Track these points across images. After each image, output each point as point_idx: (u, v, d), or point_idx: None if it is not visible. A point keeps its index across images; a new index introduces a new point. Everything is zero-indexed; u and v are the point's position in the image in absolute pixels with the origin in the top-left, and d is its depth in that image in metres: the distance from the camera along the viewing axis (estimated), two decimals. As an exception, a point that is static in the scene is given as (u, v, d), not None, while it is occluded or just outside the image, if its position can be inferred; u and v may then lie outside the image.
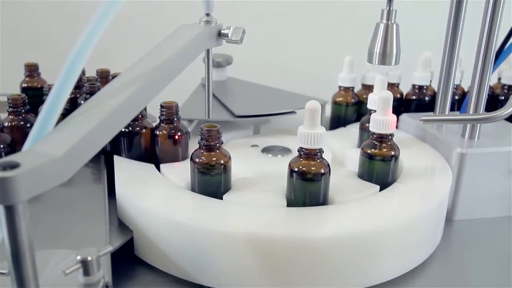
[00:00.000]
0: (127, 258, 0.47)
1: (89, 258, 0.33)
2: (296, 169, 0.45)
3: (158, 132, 0.54)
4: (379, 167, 0.50)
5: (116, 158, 0.56)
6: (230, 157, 0.48)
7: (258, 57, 0.99)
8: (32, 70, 0.72)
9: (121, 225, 0.49)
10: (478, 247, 0.52)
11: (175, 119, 0.55)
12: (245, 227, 0.42)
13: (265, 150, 0.59)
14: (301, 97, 0.71)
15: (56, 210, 0.49)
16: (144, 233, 0.46)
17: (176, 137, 0.55)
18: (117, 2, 0.33)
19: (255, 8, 1.03)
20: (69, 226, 0.46)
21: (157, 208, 0.45)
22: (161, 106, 0.54)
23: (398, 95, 0.74)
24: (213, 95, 0.52)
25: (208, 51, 0.47)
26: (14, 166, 0.24)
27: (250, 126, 0.68)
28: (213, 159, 0.47)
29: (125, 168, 0.54)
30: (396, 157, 0.50)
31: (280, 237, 0.41)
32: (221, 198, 0.47)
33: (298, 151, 0.46)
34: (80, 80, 0.67)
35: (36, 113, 0.62)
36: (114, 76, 0.65)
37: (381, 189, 0.50)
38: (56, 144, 0.28)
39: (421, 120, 0.53)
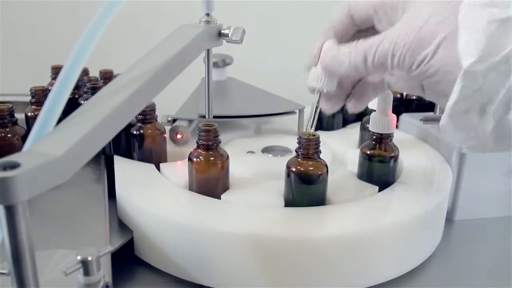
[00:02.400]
0: (127, 258, 0.47)
1: (89, 258, 0.33)
2: (368, 153, 0.50)
3: (195, 159, 0.48)
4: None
5: (116, 158, 0.56)
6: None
7: (258, 57, 0.99)
8: (58, 73, 0.72)
9: (121, 225, 0.49)
10: (478, 247, 0.52)
11: (215, 144, 0.48)
12: (245, 227, 0.42)
13: (265, 150, 0.59)
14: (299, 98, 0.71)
15: (56, 210, 0.49)
16: (144, 233, 0.46)
17: (218, 163, 0.48)
18: (117, 2, 0.33)
19: (255, 8, 1.03)
20: (69, 226, 0.47)
21: (157, 208, 0.45)
22: (200, 130, 0.48)
23: (398, 95, 0.74)
24: (213, 95, 0.51)
25: (208, 51, 0.47)
26: (14, 166, 0.24)
27: (250, 126, 0.68)
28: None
29: (125, 168, 0.53)
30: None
31: (280, 237, 0.41)
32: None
33: (371, 135, 0.50)
34: (80, 80, 0.67)
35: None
36: (114, 76, 0.65)
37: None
38: (56, 144, 0.28)
39: (421, 120, 0.53)
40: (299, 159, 0.45)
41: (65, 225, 0.47)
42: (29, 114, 0.62)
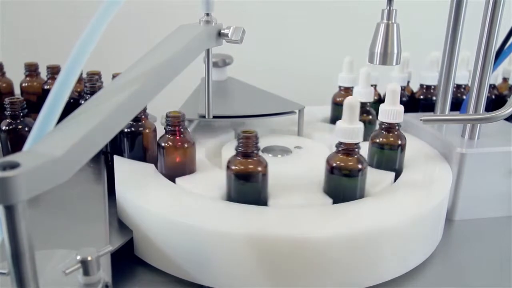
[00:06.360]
0: (127, 258, 0.47)
1: (89, 258, 0.33)
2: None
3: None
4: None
5: (116, 158, 0.56)
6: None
7: (258, 57, 0.99)
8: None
9: (121, 225, 0.49)
10: (478, 247, 0.52)
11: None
12: (245, 227, 0.42)
13: (265, 150, 0.59)
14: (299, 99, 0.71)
15: (56, 210, 0.49)
16: (144, 233, 0.46)
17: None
18: (117, 2, 0.33)
19: (255, 8, 1.03)
20: (69, 226, 0.46)
21: (157, 208, 0.45)
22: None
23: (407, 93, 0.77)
24: (213, 95, 0.51)
25: (208, 51, 0.47)
26: (14, 166, 0.24)
27: (250, 126, 0.68)
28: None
29: (125, 168, 0.53)
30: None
31: (279, 237, 0.41)
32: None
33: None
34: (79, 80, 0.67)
35: (36, 113, 0.61)
36: (114, 76, 0.65)
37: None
38: (56, 144, 0.28)
39: (421, 120, 0.53)
40: (340, 155, 0.47)
41: (65, 225, 0.47)
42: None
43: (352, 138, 0.46)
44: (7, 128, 0.56)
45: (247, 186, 0.46)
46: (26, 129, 0.56)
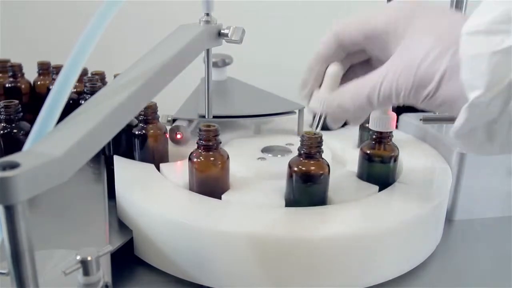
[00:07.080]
0: (127, 258, 0.47)
1: (89, 258, 0.33)
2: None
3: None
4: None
5: (116, 158, 0.55)
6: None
7: (258, 57, 0.99)
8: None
9: (121, 225, 0.49)
10: (478, 247, 0.52)
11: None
12: (245, 227, 0.42)
13: (265, 150, 0.59)
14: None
15: (56, 210, 0.49)
16: (144, 233, 0.46)
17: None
18: (117, 2, 0.33)
19: (255, 8, 1.03)
20: (69, 226, 0.47)
21: (157, 208, 0.45)
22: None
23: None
24: (213, 95, 0.51)
25: (208, 51, 0.47)
26: (14, 166, 0.24)
27: (250, 126, 0.68)
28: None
29: (125, 168, 0.53)
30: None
31: (280, 237, 0.41)
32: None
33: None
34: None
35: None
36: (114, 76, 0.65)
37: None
38: (56, 144, 0.28)
39: (421, 120, 0.53)
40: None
41: (65, 225, 0.47)
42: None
43: (384, 127, 0.48)
44: (1, 132, 0.54)
45: (310, 188, 0.46)
46: (22, 133, 0.55)
